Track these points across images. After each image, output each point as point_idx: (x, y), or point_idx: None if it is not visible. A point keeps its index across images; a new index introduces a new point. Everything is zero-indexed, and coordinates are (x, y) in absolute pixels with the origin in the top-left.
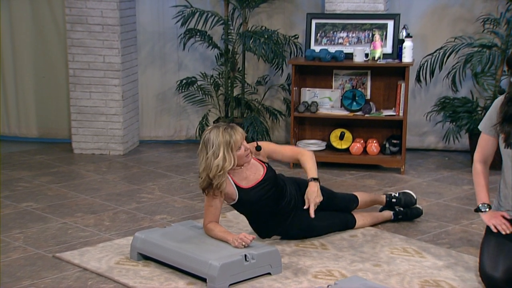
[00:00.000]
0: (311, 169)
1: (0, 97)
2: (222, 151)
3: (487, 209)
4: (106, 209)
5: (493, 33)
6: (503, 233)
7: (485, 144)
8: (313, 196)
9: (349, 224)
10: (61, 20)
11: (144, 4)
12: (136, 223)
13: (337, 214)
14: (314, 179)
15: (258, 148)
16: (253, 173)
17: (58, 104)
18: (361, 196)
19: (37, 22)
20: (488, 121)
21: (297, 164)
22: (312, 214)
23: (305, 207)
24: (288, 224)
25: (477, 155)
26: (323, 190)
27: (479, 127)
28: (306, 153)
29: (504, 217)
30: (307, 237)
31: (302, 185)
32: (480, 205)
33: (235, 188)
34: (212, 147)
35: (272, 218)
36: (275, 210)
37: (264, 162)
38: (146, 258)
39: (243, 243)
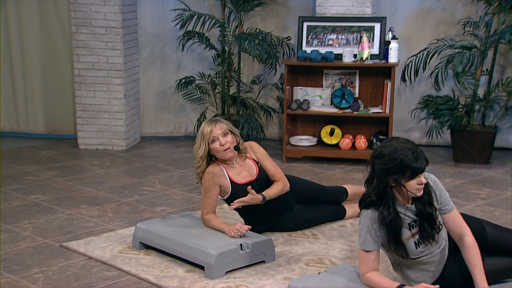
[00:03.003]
0: (270, 190)
1: (10, 95)
2: (199, 139)
3: (404, 286)
4: (109, 201)
5: (472, 35)
6: None
7: (371, 260)
8: (246, 199)
9: (340, 215)
10: (66, 23)
11: (145, 7)
12: (138, 214)
13: (328, 207)
14: (264, 197)
15: (236, 148)
16: (247, 171)
17: (64, 102)
18: (350, 188)
19: (44, 25)
20: (369, 238)
21: (290, 158)
22: (232, 207)
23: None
24: (278, 221)
25: (364, 269)
26: (314, 185)
27: (361, 247)
28: (284, 183)
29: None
30: (300, 229)
31: (292, 182)
32: None
33: (229, 182)
34: (197, 135)
35: (261, 215)
36: (264, 208)
37: (257, 163)
38: (147, 247)
39: (239, 233)
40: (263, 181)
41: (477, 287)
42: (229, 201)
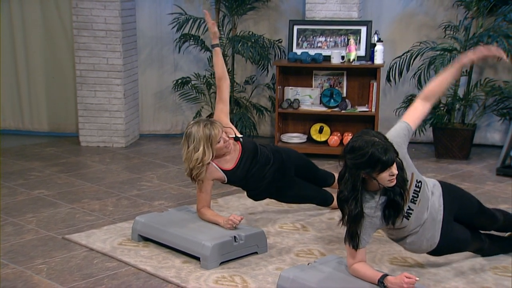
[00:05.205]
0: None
1: (15, 95)
2: (202, 146)
3: (387, 276)
4: (109, 195)
5: (453, 38)
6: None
7: (358, 254)
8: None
9: (327, 201)
10: (68, 26)
11: (143, 11)
12: (137, 208)
13: (319, 190)
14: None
15: (236, 138)
16: (232, 153)
17: (67, 102)
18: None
19: (47, 28)
20: (368, 237)
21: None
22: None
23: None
24: (276, 187)
25: (351, 261)
26: (308, 160)
27: (362, 247)
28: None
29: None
30: (292, 203)
31: (287, 153)
32: (379, 280)
33: (222, 172)
34: (193, 142)
35: (262, 184)
36: (263, 177)
37: (238, 138)
38: (145, 239)
39: (234, 225)
40: (249, 153)
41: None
42: (229, 183)
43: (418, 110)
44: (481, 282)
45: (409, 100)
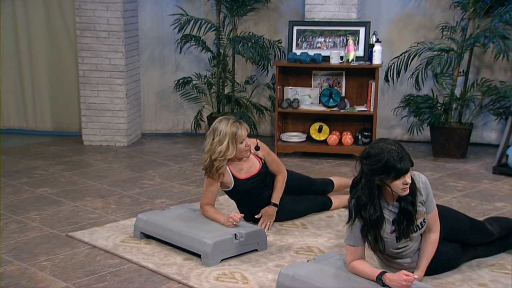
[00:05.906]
0: (277, 194)
1: (19, 95)
2: (227, 141)
3: (385, 273)
4: (112, 193)
5: (450, 39)
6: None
7: (357, 252)
8: (268, 216)
9: (326, 205)
10: (72, 27)
11: (145, 12)
12: (139, 206)
13: (315, 197)
14: (275, 204)
15: (257, 148)
16: (249, 166)
17: (70, 101)
18: (336, 181)
19: (51, 29)
20: (357, 235)
21: (281, 153)
22: (266, 229)
23: (259, 224)
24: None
25: (350, 258)
26: (302, 177)
27: (347, 242)
28: (284, 174)
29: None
30: (289, 219)
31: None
32: (377, 277)
33: (232, 177)
34: (219, 135)
35: (257, 204)
36: (260, 198)
37: (260, 159)
38: (147, 237)
39: (234, 222)
40: (263, 175)
41: (418, 273)
42: (230, 193)
43: None
44: (478, 279)
45: (406, 100)
